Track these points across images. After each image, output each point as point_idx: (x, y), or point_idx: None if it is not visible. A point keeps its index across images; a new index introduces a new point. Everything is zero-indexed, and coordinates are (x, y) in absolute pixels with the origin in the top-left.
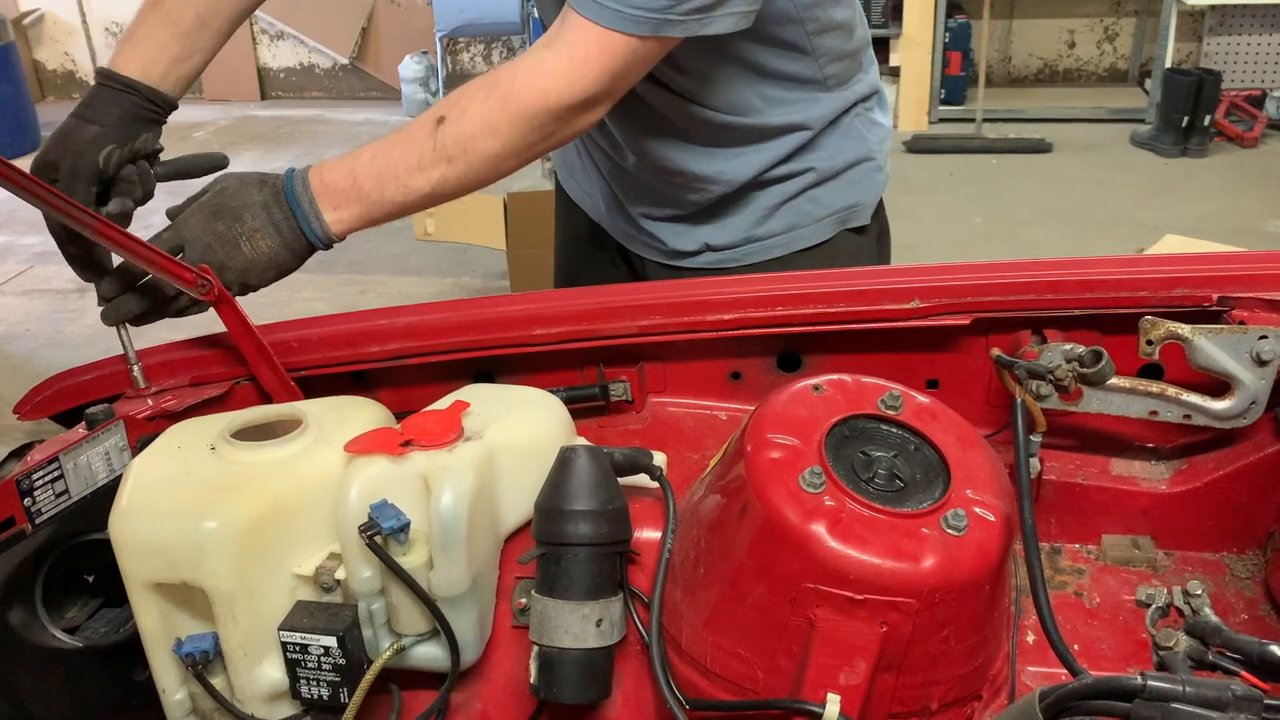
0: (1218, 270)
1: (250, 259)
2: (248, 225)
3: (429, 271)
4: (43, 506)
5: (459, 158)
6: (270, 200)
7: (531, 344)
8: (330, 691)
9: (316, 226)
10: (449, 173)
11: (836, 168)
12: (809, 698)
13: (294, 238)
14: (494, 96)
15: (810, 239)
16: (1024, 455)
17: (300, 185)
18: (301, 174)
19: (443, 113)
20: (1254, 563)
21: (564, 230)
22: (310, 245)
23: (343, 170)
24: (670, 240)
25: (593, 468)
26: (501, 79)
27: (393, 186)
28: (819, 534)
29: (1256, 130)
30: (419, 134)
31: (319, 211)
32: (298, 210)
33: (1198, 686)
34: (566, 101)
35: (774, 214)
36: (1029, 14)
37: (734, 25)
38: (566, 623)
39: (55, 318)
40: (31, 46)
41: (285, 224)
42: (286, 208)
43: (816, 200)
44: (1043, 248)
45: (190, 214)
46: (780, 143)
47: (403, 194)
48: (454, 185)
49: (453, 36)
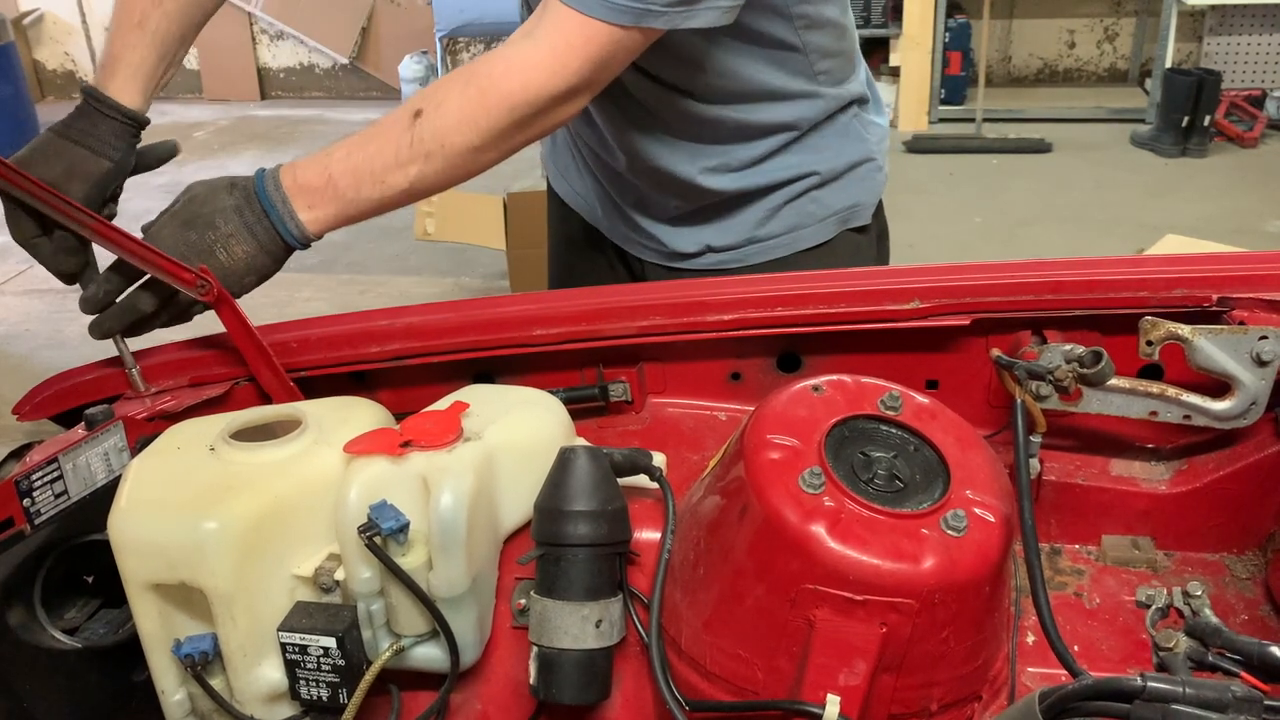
0: (1218, 270)
1: (228, 266)
2: (221, 231)
3: (429, 271)
4: (42, 507)
5: (436, 153)
6: (242, 203)
7: (531, 344)
8: (329, 692)
9: (292, 226)
10: (426, 169)
11: (838, 169)
12: (809, 698)
13: (269, 240)
14: (472, 89)
15: (812, 239)
16: (1024, 456)
17: (272, 186)
18: (273, 174)
19: (419, 105)
20: (1254, 563)
21: (557, 234)
22: (287, 246)
23: (316, 169)
24: (670, 241)
25: (592, 468)
26: (479, 70)
27: (369, 184)
28: (819, 535)
29: (1256, 130)
30: (395, 129)
31: (293, 211)
32: (271, 211)
33: (1198, 687)
34: (549, 92)
35: (776, 215)
36: (1029, 14)
37: (716, 20)
38: (566, 623)
39: (55, 318)
40: (31, 46)
41: (259, 226)
42: (259, 209)
43: (819, 201)
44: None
45: (161, 225)
46: (768, 142)
47: (379, 191)
48: (431, 181)
49: (453, 36)
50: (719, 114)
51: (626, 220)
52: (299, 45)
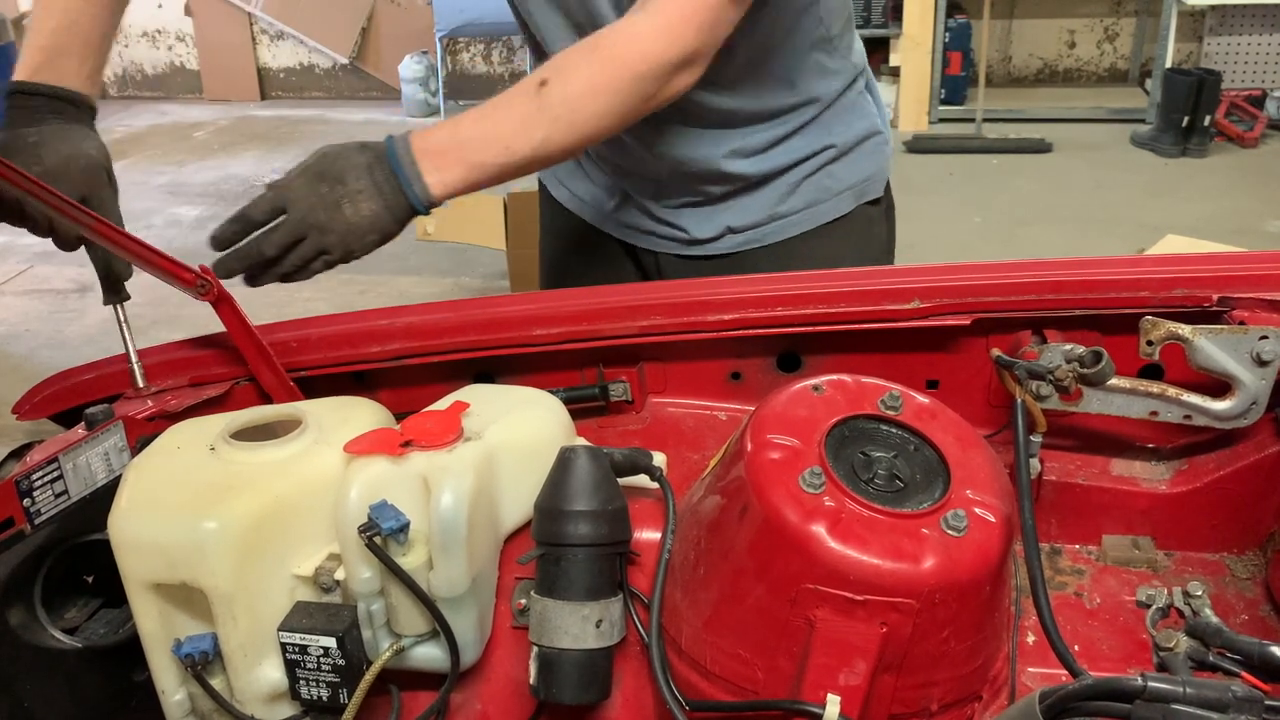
0: (1218, 270)
1: (353, 222)
2: (350, 187)
3: (429, 271)
4: (42, 507)
5: (563, 119)
6: (373, 162)
7: (531, 344)
8: (330, 692)
9: (418, 188)
10: (553, 133)
11: (850, 142)
12: (809, 698)
13: (396, 200)
14: (596, 59)
15: (830, 214)
16: (1024, 455)
17: (402, 148)
18: (403, 138)
19: (544, 76)
20: (1254, 563)
21: (555, 239)
22: (411, 208)
23: (444, 134)
24: (691, 227)
25: (592, 468)
26: (602, 42)
27: (496, 149)
28: (819, 534)
29: (1257, 130)
30: (521, 98)
31: (420, 173)
32: (400, 172)
33: (1198, 687)
34: (667, 60)
35: (795, 191)
36: (1029, 14)
37: None
38: (566, 623)
39: (55, 318)
40: None
41: (387, 185)
42: (388, 169)
43: (834, 175)
44: (1043, 248)
45: (293, 177)
46: (789, 121)
47: (505, 156)
48: (556, 146)
49: (452, 36)
50: (741, 102)
51: (642, 213)
52: (299, 45)
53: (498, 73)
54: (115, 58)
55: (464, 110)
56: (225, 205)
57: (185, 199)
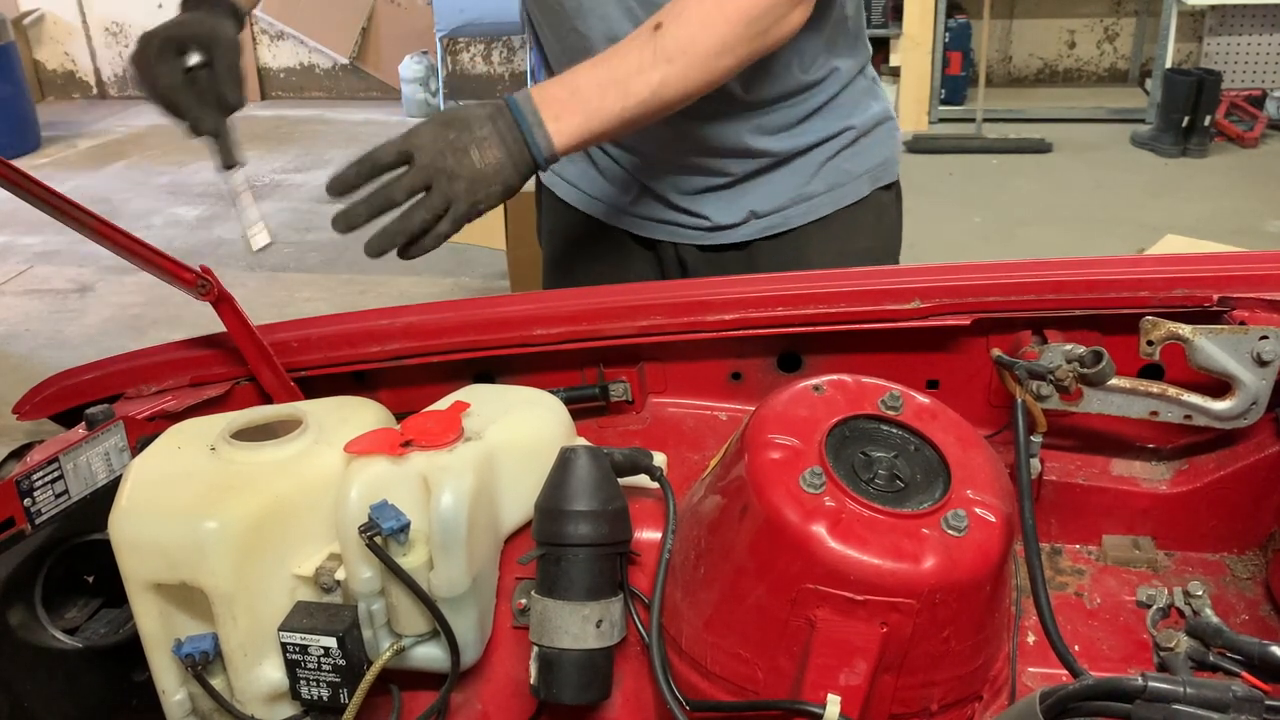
0: (1218, 270)
1: (479, 168)
2: (476, 134)
3: (429, 271)
4: (42, 507)
5: (679, 58)
6: (495, 113)
7: (531, 344)
8: (330, 692)
9: (539, 136)
10: (670, 73)
11: (868, 125)
12: (809, 698)
13: (518, 149)
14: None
15: (849, 197)
16: (1024, 455)
17: (523, 99)
18: (523, 92)
19: (659, 20)
20: (1254, 563)
21: (561, 240)
22: (533, 160)
23: (562, 82)
24: (713, 214)
25: (593, 468)
26: None
27: (614, 92)
28: (819, 534)
29: (1257, 130)
30: (636, 43)
31: (541, 120)
32: (522, 121)
33: (1198, 687)
34: None
35: (818, 173)
36: (1029, 14)
37: None
38: (566, 623)
39: (55, 318)
40: (31, 46)
41: (510, 135)
42: (510, 118)
43: (853, 158)
44: (1043, 248)
45: (422, 126)
46: (812, 99)
47: (622, 99)
48: (674, 87)
49: (453, 36)
50: (766, 78)
51: (662, 204)
52: (299, 45)
53: (498, 73)
54: (115, 58)
55: None
56: (225, 205)
57: (185, 199)
